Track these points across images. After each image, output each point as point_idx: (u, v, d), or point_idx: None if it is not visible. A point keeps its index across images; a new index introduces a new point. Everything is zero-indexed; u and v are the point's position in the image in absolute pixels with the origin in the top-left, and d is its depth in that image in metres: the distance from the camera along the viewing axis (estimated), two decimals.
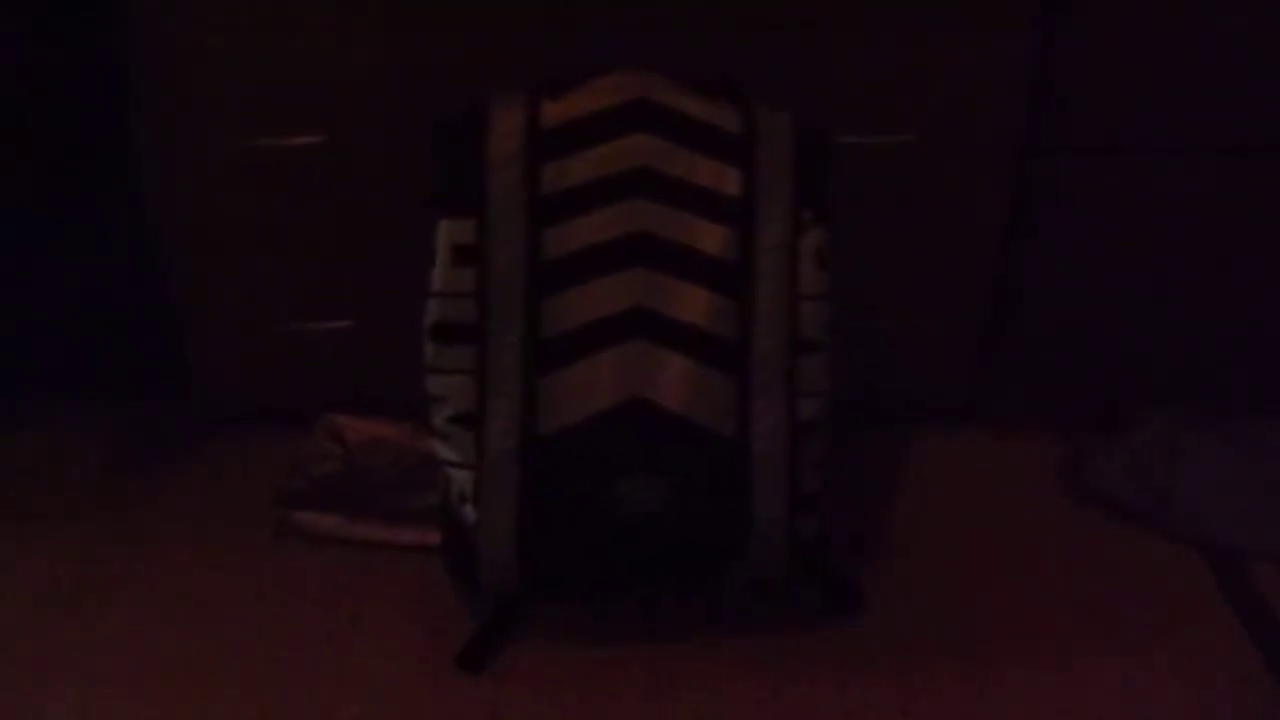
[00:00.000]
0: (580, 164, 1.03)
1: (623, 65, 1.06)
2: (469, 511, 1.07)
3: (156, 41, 1.14)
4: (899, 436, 1.40)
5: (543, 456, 1.04)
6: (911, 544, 1.25)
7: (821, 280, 1.06)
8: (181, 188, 1.23)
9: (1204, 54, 1.17)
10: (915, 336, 1.34)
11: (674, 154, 1.03)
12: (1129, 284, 1.29)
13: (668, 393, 1.03)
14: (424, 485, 1.22)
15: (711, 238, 1.04)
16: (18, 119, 1.26)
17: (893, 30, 1.15)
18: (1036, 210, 1.25)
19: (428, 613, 1.16)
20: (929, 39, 1.15)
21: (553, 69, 1.07)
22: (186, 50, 1.15)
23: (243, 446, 1.37)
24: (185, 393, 1.37)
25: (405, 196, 1.10)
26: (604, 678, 1.10)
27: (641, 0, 1.13)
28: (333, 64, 1.16)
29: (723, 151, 1.04)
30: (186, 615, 1.17)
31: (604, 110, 1.04)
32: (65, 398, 1.43)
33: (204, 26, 1.14)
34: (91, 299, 1.37)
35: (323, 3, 1.13)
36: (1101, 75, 1.18)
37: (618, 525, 1.04)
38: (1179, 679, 1.10)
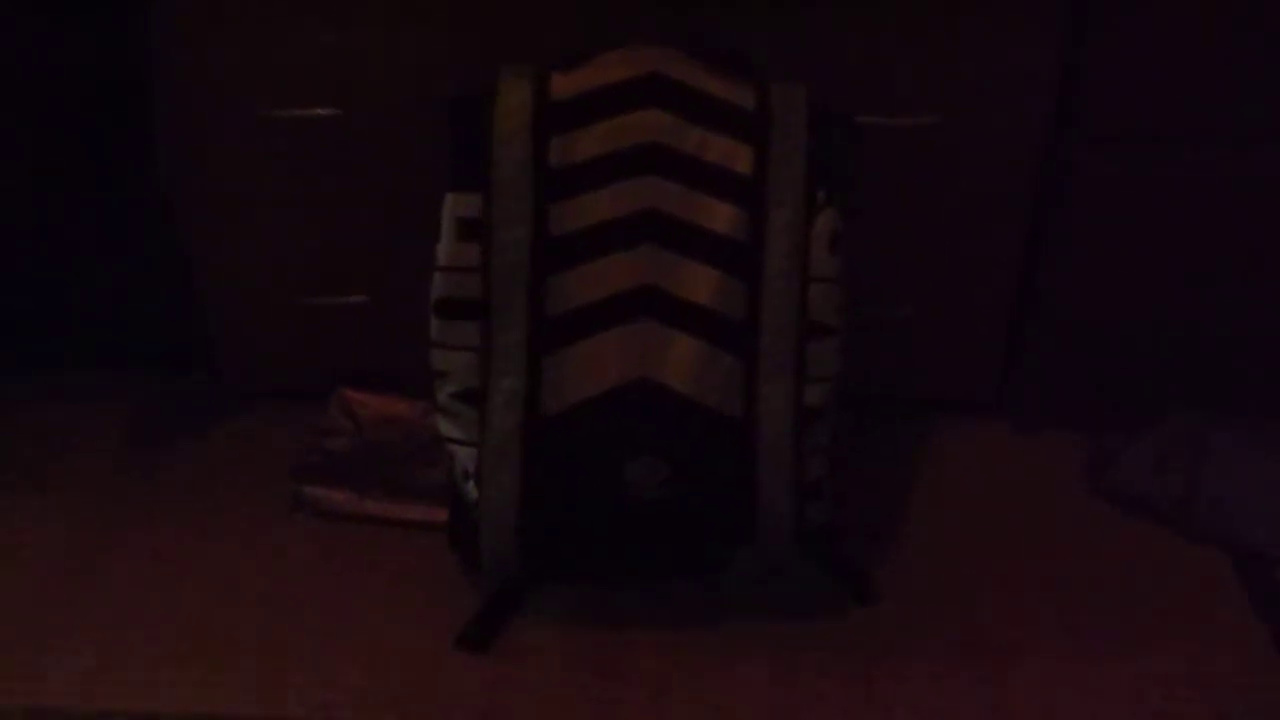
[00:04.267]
0: (589, 138, 1.01)
1: (637, 38, 1.04)
2: (471, 489, 1.06)
3: (175, 16, 1.14)
4: (922, 428, 1.37)
5: (546, 436, 1.02)
6: (930, 536, 1.23)
7: (833, 263, 1.04)
8: (200, 161, 1.23)
9: (1236, 40, 1.13)
10: (940, 327, 1.31)
11: (686, 130, 1.01)
12: (1159, 278, 1.25)
13: (674, 373, 1.01)
14: (435, 463, 1.22)
15: (722, 217, 1.02)
16: (40, 96, 1.27)
17: (919, 7, 1.12)
18: (1065, 199, 1.22)
19: (433, 590, 1.16)
20: (956, 18, 1.13)
21: (569, 43, 1.06)
22: (204, 24, 1.15)
23: (258, 420, 1.38)
24: (203, 366, 1.38)
25: (421, 171, 1.09)
26: (606, 661, 1.09)
27: None
28: (348, 37, 1.15)
29: (736, 129, 1.02)
30: (197, 585, 1.18)
31: (615, 84, 1.02)
32: (85, 371, 1.43)
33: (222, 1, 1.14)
34: (112, 274, 1.37)
35: None
36: (1136, 60, 1.14)
37: (621, 508, 1.03)
38: (1197, 680, 1.08)
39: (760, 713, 1.05)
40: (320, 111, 1.18)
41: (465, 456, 1.06)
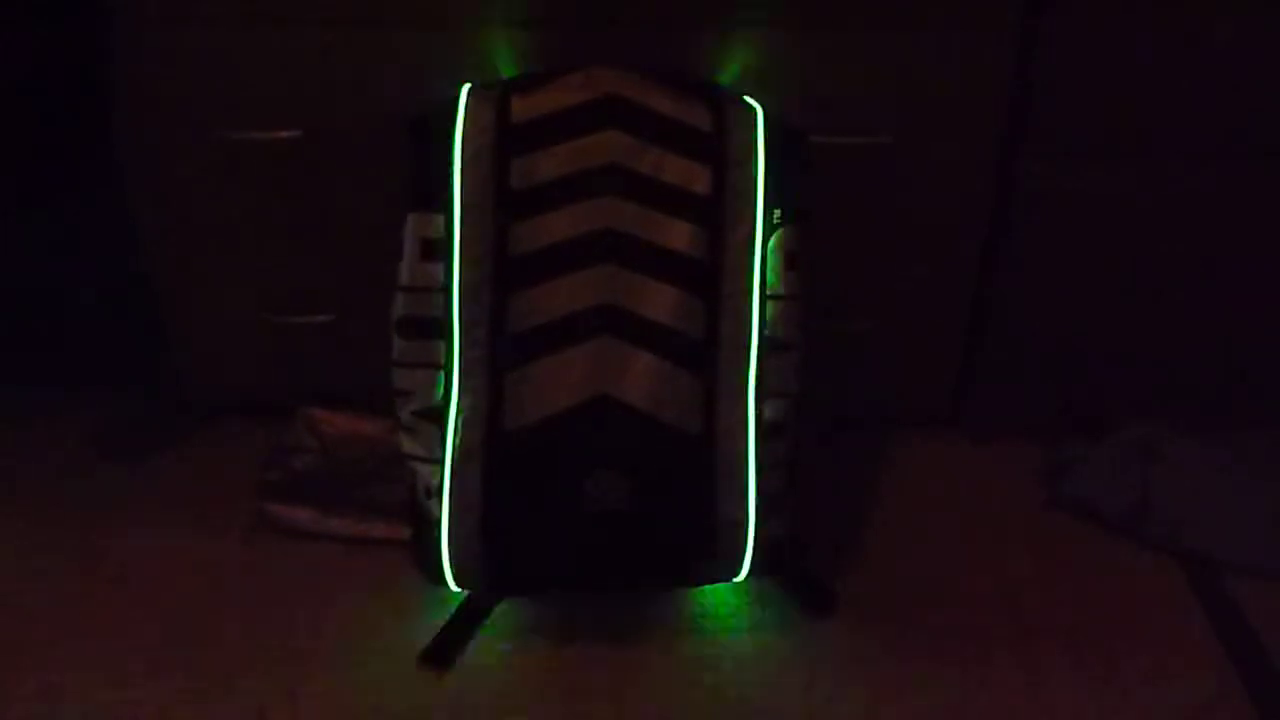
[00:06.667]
0: (549, 160, 1.03)
1: (595, 62, 1.05)
2: (434, 506, 1.07)
3: (136, 37, 1.15)
4: (878, 441, 1.39)
5: (507, 453, 1.03)
6: (887, 548, 1.25)
7: (790, 280, 1.06)
8: (162, 181, 1.24)
9: (1186, 58, 1.16)
10: (895, 341, 1.33)
11: (643, 151, 1.03)
12: (1112, 290, 1.28)
13: (633, 390, 1.02)
14: (399, 480, 1.21)
15: (680, 236, 1.03)
16: (4, 114, 1.27)
17: (871, 28, 1.15)
18: (1018, 214, 1.24)
19: (397, 607, 1.16)
20: (908, 38, 1.15)
21: (529, 65, 1.07)
22: (166, 45, 1.15)
23: (222, 438, 1.38)
24: (166, 384, 1.38)
25: (384, 191, 1.10)
26: (569, 676, 1.10)
27: None
28: (310, 59, 1.16)
29: (693, 149, 1.04)
30: (160, 602, 1.17)
31: (574, 106, 1.03)
32: (47, 388, 1.43)
33: (183, 21, 1.14)
34: (74, 292, 1.37)
35: None
36: (1083, 78, 1.17)
37: (582, 523, 1.04)
38: (1151, 688, 1.10)
39: None
40: (283, 134, 1.18)
41: (427, 473, 1.07)
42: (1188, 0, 1.13)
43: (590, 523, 1.04)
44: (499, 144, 1.02)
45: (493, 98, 1.04)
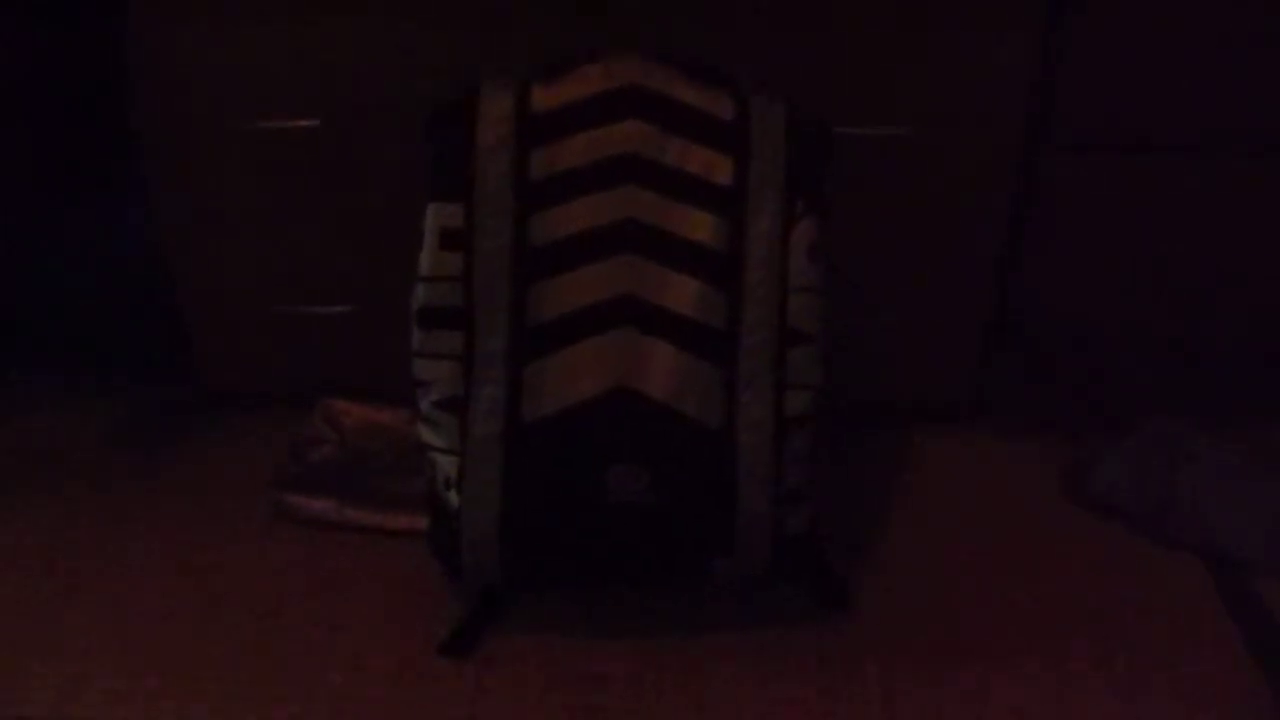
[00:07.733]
0: (570, 150, 1.02)
1: (616, 51, 1.05)
2: (453, 497, 1.06)
3: (155, 27, 1.15)
4: (900, 436, 1.38)
5: (527, 444, 1.03)
6: (908, 544, 1.24)
7: (813, 272, 1.05)
8: (181, 172, 1.24)
9: (1210, 52, 1.15)
10: (917, 335, 1.32)
11: (665, 141, 1.02)
12: (1134, 285, 1.27)
13: (654, 382, 1.02)
14: (419, 471, 1.21)
15: (702, 226, 1.03)
16: (21, 106, 1.27)
17: (893, 19, 1.14)
18: (1042, 208, 1.23)
19: (415, 598, 1.16)
20: (930, 29, 1.14)
21: (548, 54, 1.07)
22: (184, 35, 1.16)
23: (241, 429, 1.38)
24: (186, 375, 1.39)
25: (405, 181, 1.10)
26: (588, 669, 1.09)
27: None
28: (329, 48, 1.16)
29: (715, 139, 1.03)
30: (179, 594, 1.17)
31: (595, 96, 1.03)
32: (66, 379, 1.44)
33: (202, 11, 1.14)
34: (94, 282, 1.38)
35: None
36: (1108, 72, 1.16)
37: (601, 515, 1.03)
38: (1175, 689, 1.08)
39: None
40: (302, 123, 1.18)
41: (447, 464, 1.07)
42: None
43: (609, 515, 1.03)
44: (519, 134, 1.02)
45: (513, 87, 1.03)
